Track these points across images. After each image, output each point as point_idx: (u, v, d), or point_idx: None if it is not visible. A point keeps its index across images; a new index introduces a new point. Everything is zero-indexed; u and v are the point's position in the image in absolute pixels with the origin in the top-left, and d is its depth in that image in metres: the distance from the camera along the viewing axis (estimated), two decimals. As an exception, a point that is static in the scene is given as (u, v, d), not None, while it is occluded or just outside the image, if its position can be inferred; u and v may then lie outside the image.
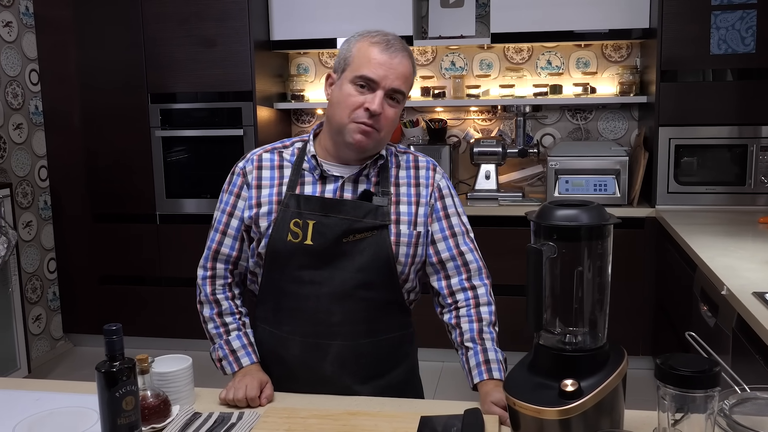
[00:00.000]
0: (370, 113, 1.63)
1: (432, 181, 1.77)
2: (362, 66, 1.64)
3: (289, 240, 1.68)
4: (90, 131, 4.37)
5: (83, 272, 4.51)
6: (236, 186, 1.78)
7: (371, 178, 1.74)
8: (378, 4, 4.12)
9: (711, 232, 3.21)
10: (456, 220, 1.77)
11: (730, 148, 3.78)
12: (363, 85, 1.64)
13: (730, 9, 3.63)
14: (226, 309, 1.80)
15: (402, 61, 1.66)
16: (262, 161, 1.77)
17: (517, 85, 4.37)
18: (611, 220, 1.27)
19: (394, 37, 1.69)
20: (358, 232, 1.67)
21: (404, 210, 1.72)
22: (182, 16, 4.13)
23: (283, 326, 1.74)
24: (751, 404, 1.38)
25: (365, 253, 1.67)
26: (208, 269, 1.81)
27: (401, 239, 1.70)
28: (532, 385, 1.30)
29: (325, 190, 1.72)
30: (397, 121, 1.73)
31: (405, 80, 1.67)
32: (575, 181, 3.92)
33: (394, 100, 1.67)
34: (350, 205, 1.68)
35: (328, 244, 1.67)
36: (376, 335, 1.73)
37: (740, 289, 2.29)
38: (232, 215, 1.77)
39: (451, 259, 1.75)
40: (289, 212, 1.69)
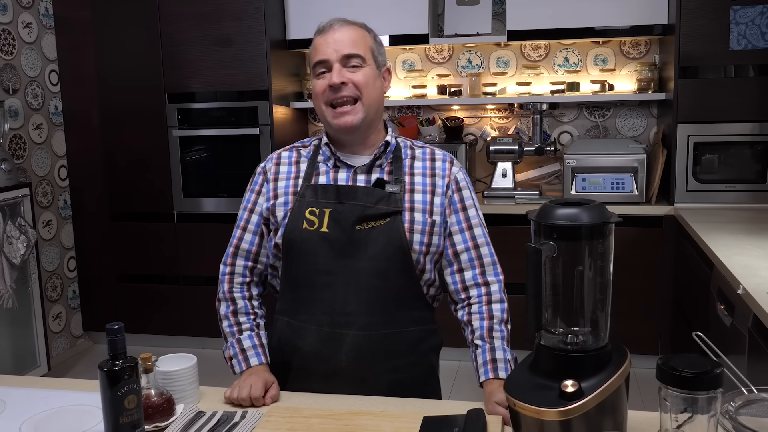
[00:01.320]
0: (334, 88, 1.68)
1: (448, 173, 1.78)
2: (313, 57, 1.74)
3: (305, 228, 1.70)
4: (109, 131, 4.41)
5: (102, 271, 4.56)
6: (257, 184, 1.84)
7: (384, 167, 1.76)
8: (394, 3, 4.12)
9: (729, 230, 3.16)
10: (473, 213, 1.78)
11: (750, 145, 3.72)
12: (322, 71, 1.71)
13: (750, 4, 3.57)
14: (241, 308, 1.82)
15: (341, 30, 1.71)
16: (281, 158, 1.84)
17: (534, 83, 4.34)
18: (612, 219, 1.25)
19: (335, 18, 1.75)
20: (371, 219, 1.68)
21: (419, 198, 1.73)
22: (199, 15, 4.15)
23: (299, 316, 1.75)
24: (758, 405, 1.36)
25: (379, 241, 1.68)
26: (228, 265, 1.85)
27: (415, 226, 1.70)
28: (532, 386, 1.29)
29: (338, 178, 1.75)
30: (377, 84, 1.74)
31: (353, 43, 1.70)
32: (592, 179, 3.88)
33: (355, 66, 1.69)
34: (363, 192, 1.71)
35: (343, 231, 1.69)
36: (394, 327, 1.72)
37: (756, 289, 2.25)
38: (253, 211, 1.83)
39: (465, 251, 1.75)
40: (305, 201, 1.72)
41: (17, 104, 4.10)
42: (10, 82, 4.05)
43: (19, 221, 3.71)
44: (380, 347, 1.70)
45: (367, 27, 1.77)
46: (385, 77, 1.79)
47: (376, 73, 1.74)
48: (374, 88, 1.73)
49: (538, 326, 1.25)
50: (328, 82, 1.68)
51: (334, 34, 1.70)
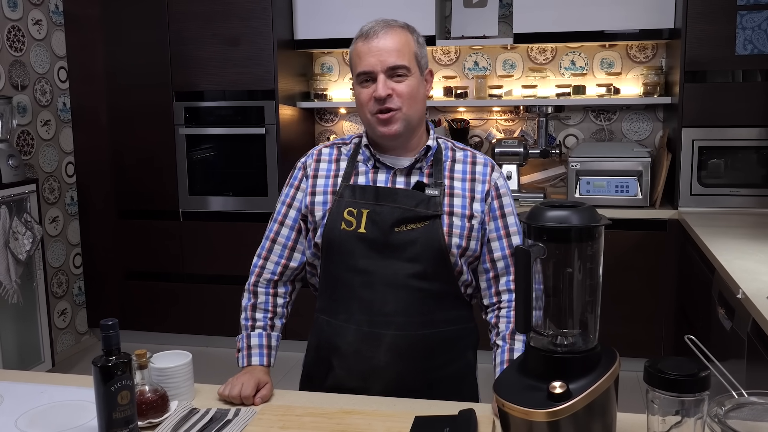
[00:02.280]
0: (379, 100, 1.67)
1: (489, 179, 1.77)
2: (357, 65, 1.71)
3: (342, 228, 1.71)
4: (116, 128, 4.44)
5: (108, 268, 4.58)
6: (297, 179, 1.85)
7: (424, 169, 1.76)
8: (401, 4, 4.12)
9: (733, 234, 3.16)
10: (512, 220, 1.77)
11: (756, 149, 3.71)
12: (366, 80, 1.70)
13: (757, 9, 3.56)
14: (261, 303, 1.84)
15: (385, 38, 1.68)
16: (322, 155, 1.84)
17: (540, 86, 4.34)
18: (602, 222, 1.25)
19: (378, 21, 1.72)
20: (410, 222, 1.69)
21: (458, 203, 1.73)
22: (207, 15, 4.17)
23: (339, 315, 1.76)
24: (747, 409, 1.35)
25: (417, 244, 1.69)
26: (261, 258, 1.86)
27: (453, 230, 1.70)
28: (522, 387, 1.29)
29: (377, 180, 1.75)
30: (421, 92, 1.74)
31: (398, 53, 1.68)
32: (597, 183, 3.88)
33: (400, 75, 1.68)
34: (402, 194, 1.71)
35: (381, 232, 1.69)
36: (432, 327, 1.72)
37: (756, 293, 2.25)
38: (291, 206, 1.83)
39: (502, 258, 1.75)
40: (344, 202, 1.73)
41: (26, 101, 4.13)
42: (19, 78, 4.09)
43: (25, 217, 3.74)
44: (419, 347, 1.71)
45: (410, 27, 1.75)
46: (427, 80, 1.78)
47: (419, 81, 1.73)
48: (418, 98, 1.72)
49: (527, 327, 1.26)
50: (373, 93, 1.68)
51: (378, 42, 1.68)
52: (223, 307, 4.39)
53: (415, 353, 1.71)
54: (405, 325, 1.70)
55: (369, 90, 1.69)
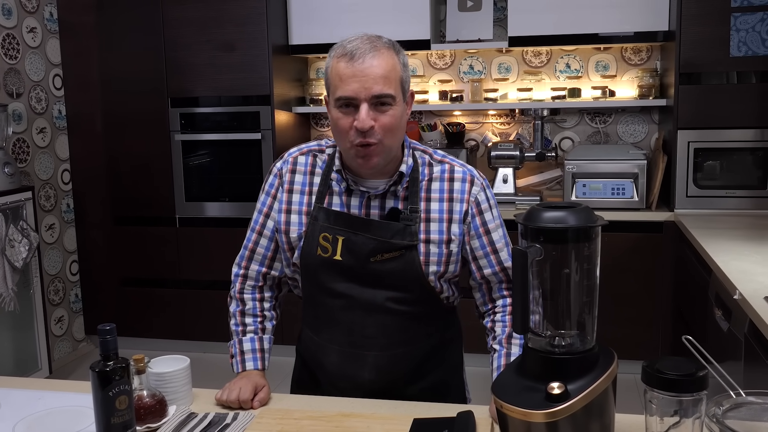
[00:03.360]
0: (361, 132, 1.56)
1: (467, 196, 1.68)
2: (337, 87, 1.57)
3: (318, 254, 1.67)
4: (112, 135, 4.43)
5: (105, 274, 4.58)
6: (273, 187, 1.77)
7: (399, 193, 1.68)
8: (396, 8, 4.13)
9: (729, 236, 3.16)
10: (497, 236, 1.71)
11: (751, 151, 3.72)
12: (346, 104, 1.57)
13: (751, 11, 3.58)
14: (249, 309, 1.81)
15: (373, 63, 1.54)
16: (297, 165, 1.75)
17: (536, 89, 4.35)
18: (598, 222, 1.26)
19: (363, 39, 1.58)
20: (385, 252, 1.63)
21: (435, 228, 1.66)
22: (202, 21, 4.17)
23: (321, 334, 1.75)
24: (745, 409, 1.36)
25: (394, 273, 1.65)
26: (241, 267, 1.83)
27: (431, 258, 1.65)
28: (520, 388, 1.29)
29: (351, 204, 1.68)
30: (403, 120, 1.63)
31: (384, 81, 1.55)
32: (593, 185, 3.88)
33: (384, 104, 1.57)
34: (377, 225, 1.64)
35: (357, 261, 1.64)
36: (415, 342, 1.71)
37: (753, 294, 2.25)
38: (268, 216, 1.77)
39: (493, 274, 1.72)
40: (318, 225, 1.67)
41: (21, 108, 4.13)
42: (14, 86, 4.08)
43: (21, 224, 3.73)
44: (403, 363, 1.71)
45: (395, 47, 1.61)
46: (408, 102, 1.66)
47: (402, 108, 1.62)
48: (400, 128, 1.62)
49: (524, 328, 1.26)
50: (355, 123, 1.55)
51: (363, 66, 1.53)
52: (219, 313, 4.35)
53: (400, 368, 1.71)
54: (387, 345, 1.69)
55: (349, 119, 1.56)
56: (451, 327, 1.81)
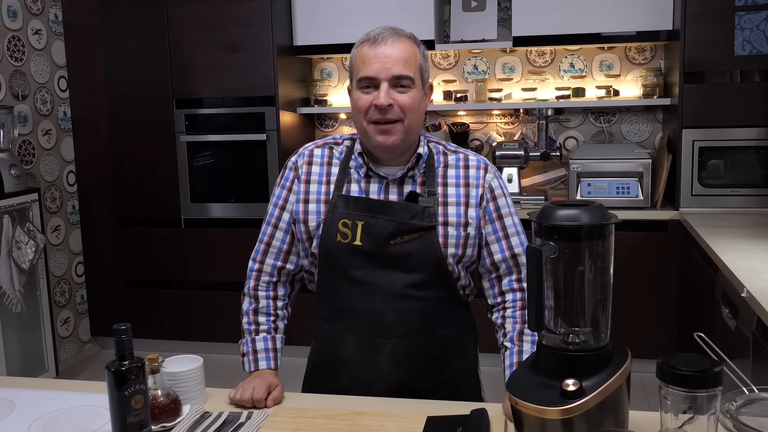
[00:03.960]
0: (380, 109, 1.63)
1: (482, 182, 1.74)
2: (359, 69, 1.67)
3: (338, 240, 1.69)
4: (117, 137, 4.44)
5: (110, 276, 4.59)
6: (288, 180, 1.80)
7: (417, 178, 1.73)
8: (400, 9, 4.14)
9: (734, 234, 3.17)
10: (509, 221, 1.74)
11: (756, 149, 3.73)
12: (368, 86, 1.66)
13: (755, 9, 3.58)
14: (262, 307, 1.82)
15: (393, 46, 1.64)
16: (313, 156, 1.80)
17: (540, 89, 4.36)
18: (612, 220, 1.26)
19: (386, 28, 1.68)
20: (405, 234, 1.66)
21: (452, 211, 1.71)
22: (206, 22, 4.18)
23: (338, 324, 1.75)
24: (758, 405, 1.37)
25: (413, 255, 1.67)
26: (257, 262, 1.84)
27: (449, 240, 1.68)
28: (534, 385, 1.30)
29: (369, 190, 1.72)
30: (421, 105, 1.71)
31: (404, 63, 1.64)
32: (597, 184, 3.89)
33: (404, 86, 1.64)
34: (397, 207, 1.67)
35: (377, 245, 1.67)
36: (432, 332, 1.72)
37: (761, 292, 2.26)
38: (284, 209, 1.80)
39: (503, 260, 1.74)
40: (337, 213, 1.70)
41: (26, 110, 4.14)
42: (20, 88, 4.09)
43: (27, 226, 3.74)
44: (420, 353, 1.71)
45: (416, 39, 1.70)
46: (427, 94, 1.73)
47: (421, 94, 1.69)
48: (418, 111, 1.69)
49: (539, 326, 1.26)
50: (374, 100, 1.63)
51: (385, 49, 1.63)
52: (225, 313, 4.39)
53: (417, 359, 1.72)
54: (405, 334, 1.70)
55: (369, 96, 1.65)
56: (466, 321, 1.81)
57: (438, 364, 1.74)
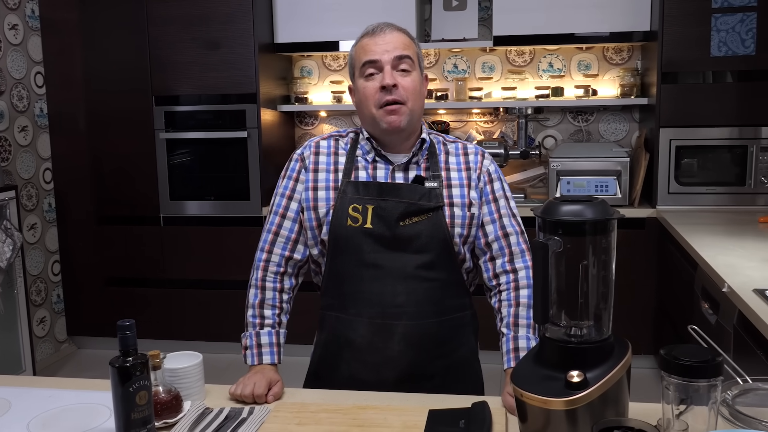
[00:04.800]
0: (387, 90, 1.72)
1: (480, 166, 1.83)
2: (361, 57, 1.76)
3: (349, 225, 1.74)
4: (95, 134, 4.40)
5: (88, 274, 4.54)
6: (295, 171, 1.85)
7: (420, 163, 1.80)
8: (381, 7, 4.16)
9: (711, 231, 3.24)
10: (503, 203, 1.83)
11: (730, 148, 3.81)
12: (371, 72, 1.75)
13: (731, 11, 3.66)
14: (269, 299, 1.84)
15: (391, 33, 1.76)
16: (320, 147, 1.86)
17: (519, 88, 4.41)
18: (615, 215, 1.30)
19: (382, 22, 1.79)
20: (414, 215, 1.73)
21: (457, 193, 1.78)
22: (187, 18, 4.16)
23: (349, 309, 1.78)
24: (753, 395, 1.41)
25: (423, 235, 1.73)
26: (265, 252, 1.85)
27: (455, 220, 1.76)
28: (539, 377, 1.32)
29: (377, 176, 1.79)
30: (423, 89, 1.81)
31: (404, 46, 1.74)
32: (577, 182, 3.94)
33: (404, 70, 1.74)
34: (406, 189, 1.75)
35: (387, 227, 1.72)
36: (441, 315, 1.77)
37: (741, 287, 2.31)
38: (291, 198, 1.84)
39: (496, 240, 1.80)
40: (347, 198, 1.75)
41: (2, 106, 4.09)
42: (-4, 84, 4.04)
43: (5, 224, 3.69)
44: (429, 335, 1.76)
45: (410, 33, 1.81)
46: (424, 82, 1.83)
47: (421, 79, 1.79)
48: (420, 94, 1.78)
49: (545, 319, 1.29)
50: (380, 83, 1.72)
51: (384, 37, 1.74)
52: (205, 312, 4.37)
53: (426, 341, 1.76)
54: (416, 315, 1.74)
55: (374, 82, 1.74)
56: (470, 308, 1.86)
57: (445, 348, 1.78)
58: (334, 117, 4.72)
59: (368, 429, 1.45)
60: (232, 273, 4.30)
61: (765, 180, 3.75)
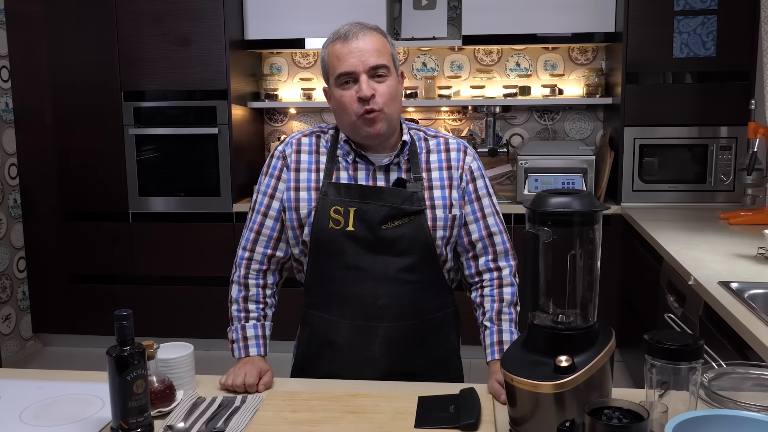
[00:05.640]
0: (364, 101, 1.70)
1: (462, 164, 1.82)
2: (336, 66, 1.73)
3: (330, 227, 1.74)
4: (62, 129, 4.36)
5: (54, 271, 4.49)
6: (276, 169, 1.84)
7: (402, 164, 1.80)
8: (351, 6, 4.19)
9: (675, 227, 3.34)
10: (487, 202, 1.84)
11: (690, 147, 3.93)
12: (346, 81, 1.72)
13: (692, 14, 3.78)
14: (252, 295, 1.85)
15: (365, 39, 1.71)
16: (301, 145, 1.84)
17: (487, 86, 4.48)
18: (602, 207, 1.36)
19: (352, 24, 1.75)
20: (396, 218, 1.73)
21: (438, 194, 1.78)
22: (156, 14, 4.14)
23: (331, 310, 1.80)
24: (727, 378, 1.49)
25: (405, 238, 1.74)
26: (247, 250, 1.86)
27: (437, 223, 1.77)
28: (528, 362, 1.38)
29: (358, 177, 1.78)
30: (399, 91, 1.78)
31: (377, 53, 1.71)
32: (544, 179, 4.03)
33: (380, 76, 1.71)
34: (388, 192, 1.75)
35: (369, 230, 1.73)
36: (421, 316, 1.79)
37: (707, 280, 2.40)
38: (273, 197, 1.83)
39: (480, 239, 1.83)
40: (329, 200, 1.75)
41: (-32, 101, 4.03)
42: (-39, 78, 3.97)
43: (-28, 220, 3.65)
44: (409, 336, 1.78)
45: (382, 30, 1.79)
46: (400, 81, 1.81)
47: (397, 80, 1.77)
48: (397, 98, 1.76)
49: (535, 306, 1.35)
50: (358, 94, 1.70)
51: (357, 43, 1.70)
52: (174, 308, 4.36)
53: (407, 342, 1.79)
54: (397, 317, 1.77)
55: (351, 91, 1.71)
56: (451, 306, 1.89)
57: (426, 347, 1.82)
58: (303, 114, 4.74)
59: (361, 415, 1.49)
60: (202, 269, 4.30)
61: (724, 178, 3.88)
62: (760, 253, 2.68)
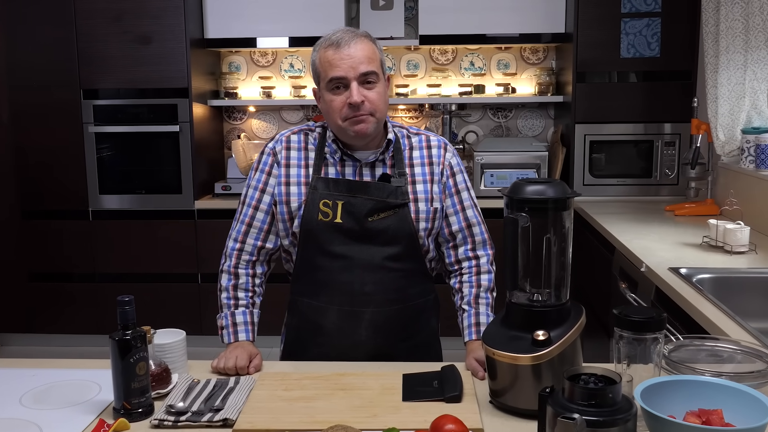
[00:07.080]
0: (354, 107, 1.79)
1: (443, 160, 1.94)
2: (327, 71, 1.81)
3: (320, 219, 1.85)
4: (19, 127, 4.33)
5: (11, 270, 4.46)
6: (267, 164, 1.94)
7: (386, 161, 1.91)
8: (310, 6, 4.28)
9: (624, 219, 3.53)
10: (466, 195, 1.96)
11: (637, 143, 4.14)
12: (337, 86, 1.81)
13: (638, 16, 3.98)
14: (242, 283, 1.94)
15: (356, 46, 1.79)
16: (291, 142, 1.94)
17: (443, 85, 4.62)
18: (573, 194, 1.49)
19: (344, 31, 1.83)
20: (382, 211, 1.85)
21: (420, 189, 1.90)
22: (116, 12, 4.16)
23: (320, 297, 1.90)
24: (684, 350, 1.63)
25: (390, 229, 1.85)
26: (238, 242, 1.95)
27: (420, 215, 1.88)
28: (507, 338, 1.50)
29: (345, 173, 1.89)
30: (386, 96, 1.87)
31: (369, 60, 1.80)
32: (500, 174, 4.18)
33: (370, 82, 1.81)
34: (374, 187, 1.86)
35: (356, 222, 1.84)
36: (404, 302, 1.91)
37: (657, 266, 2.57)
38: (264, 191, 1.93)
39: (459, 231, 1.95)
40: (318, 194, 1.86)
41: (-77, 99, 3.98)
42: None
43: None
44: (393, 321, 1.90)
45: (371, 36, 1.86)
46: (387, 85, 1.89)
47: (385, 85, 1.86)
48: (385, 102, 1.86)
49: (514, 285, 1.47)
50: (347, 99, 1.79)
51: (349, 50, 1.78)
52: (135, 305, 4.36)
53: (391, 327, 1.90)
54: (382, 302, 1.88)
55: (341, 97, 1.80)
56: (432, 293, 2.01)
57: (409, 331, 1.93)
58: (262, 112, 4.81)
59: (351, 392, 1.59)
60: (164, 266, 4.33)
61: (669, 172, 4.09)
62: (705, 241, 2.86)
